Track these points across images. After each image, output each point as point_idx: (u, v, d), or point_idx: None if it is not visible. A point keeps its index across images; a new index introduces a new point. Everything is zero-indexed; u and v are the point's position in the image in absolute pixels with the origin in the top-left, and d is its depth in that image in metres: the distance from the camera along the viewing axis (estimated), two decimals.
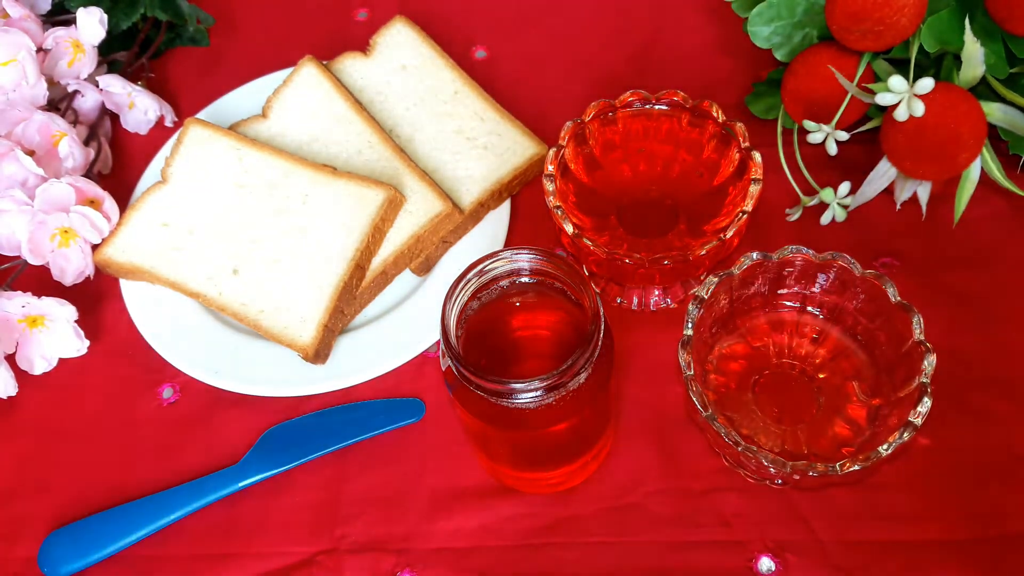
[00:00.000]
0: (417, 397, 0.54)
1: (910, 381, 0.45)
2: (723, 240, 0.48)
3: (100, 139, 0.65)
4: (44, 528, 0.52)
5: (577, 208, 0.54)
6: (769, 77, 0.63)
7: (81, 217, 0.57)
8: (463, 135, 0.62)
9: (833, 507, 0.49)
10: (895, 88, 0.51)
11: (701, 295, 0.48)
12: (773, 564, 0.48)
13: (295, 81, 0.64)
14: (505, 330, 0.46)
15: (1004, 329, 0.54)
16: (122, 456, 0.55)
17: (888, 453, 0.42)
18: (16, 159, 0.59)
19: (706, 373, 0.50)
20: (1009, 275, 0.56)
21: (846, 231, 0.58)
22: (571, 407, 0.41)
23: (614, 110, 0.54)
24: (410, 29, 0.67)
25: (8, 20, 0.64)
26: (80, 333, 0.58)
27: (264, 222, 0.58)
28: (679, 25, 0.70)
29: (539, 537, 0.50)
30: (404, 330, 0.56)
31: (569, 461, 0.48)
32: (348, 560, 0.50)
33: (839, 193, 0.56)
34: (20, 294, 0.56)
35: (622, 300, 0.57)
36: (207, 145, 0.61)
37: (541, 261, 0.42)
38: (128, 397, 0.57)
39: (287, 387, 0.54)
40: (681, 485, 0.50)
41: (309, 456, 0.53)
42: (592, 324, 0.40)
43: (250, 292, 0.56)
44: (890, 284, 0.47)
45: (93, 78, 0.66)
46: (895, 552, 0.48)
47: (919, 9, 0.52)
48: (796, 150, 0.58)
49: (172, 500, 0.51)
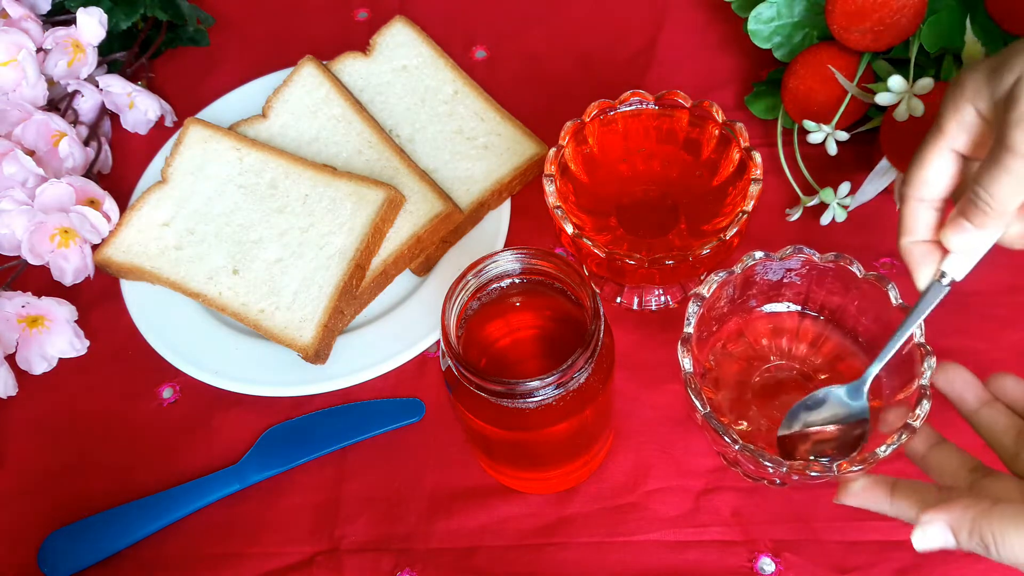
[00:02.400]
0: (417, 397, 0.54)
1: (910, 383, 0.45)
2: (723, 240, 0.48)
3: (100, 139, 0.65)
4: (44, 528, 0.52)
5: (577, 208, 0.54)
6: (769, 77, 0.63)
7: (81, 217, 0.57)
8: (463, 135, 0.62)
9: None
10: (895, 88, 0.51)
11: (701, 294, 0.48)
12: (773, 564, 0.48)
13: (295, 81, 0.64)
14: (505, 330, 0.46)
15: (1004, 329, 0.54)
16: (122, 456, 0.55)
17: (887, 455, 0.42)
18: (16, 159, 0.59)
19: (706, 373, 0.50)
20: (1009, 275, 0.56)
21: (846, 231, 0.58)
22: (571, 407, 0.41)
23: (614, 110, 0.54)
24: (410, 29, 0.67)
25: (8, 20, 0.64)
26: (80, 333, 0.58)
27: (264, 222, 0.58)
28: (679, 25, 0.70)
29: (539, 537, 0.50)
30: (404, 330, 0.56)
31: (569, 461, 0.48)
32: (348, 560, 0.50)
33: (839, 193, 0.56)
34: (20, 294, 0.56)
35: (622, 300, 0.57)
36: (207, 145, 0.61)
37: (541, 261, 0.42)
38: (128, 397, 0.57)
39: (287, 387, 0.54)
40: (681, 485, 0.50)
41: (309, 456, 0.53)
42: (592, 324, 0.40)
43: (250, 292, 0.56)
44: (892, 286, 0.47)
45: (93, 78, 0.66)
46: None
47: (919, 9, 0.52)
48: (796, 150, 0.58)
49: (172, 500, 0.51)
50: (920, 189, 0.40)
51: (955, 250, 0.40)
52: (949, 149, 0.39)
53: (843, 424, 0.46)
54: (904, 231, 0.41)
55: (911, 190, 0.41)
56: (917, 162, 0.40)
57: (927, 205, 0.41)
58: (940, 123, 0.39)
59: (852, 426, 0.45)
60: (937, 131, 0.39)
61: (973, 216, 0.38)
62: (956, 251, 0.40)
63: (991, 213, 0.37)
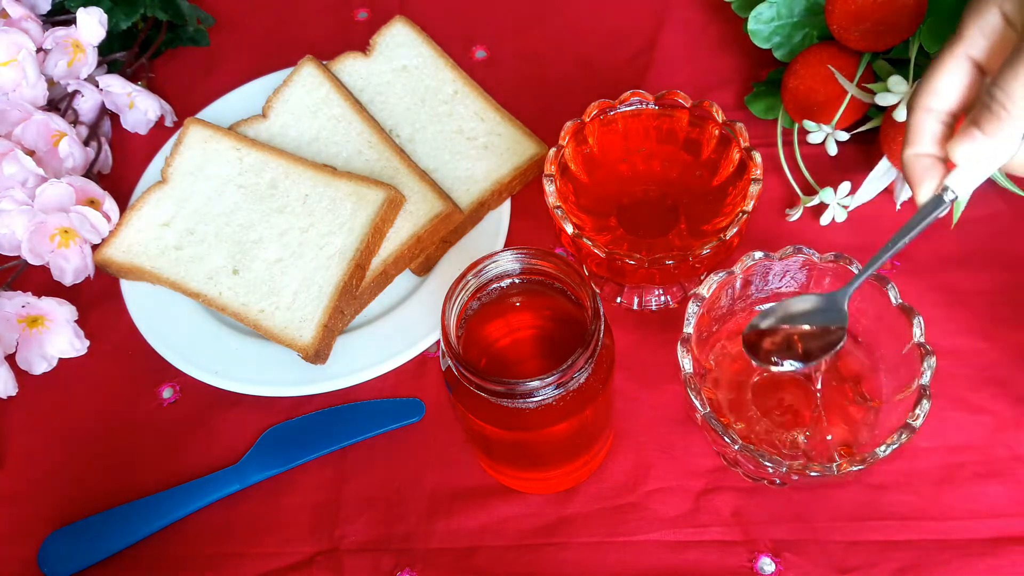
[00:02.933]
0: (417, 397, 0.54)
1: (910, 383, 0.45)
2: (723, 240, 0.48)
3: (100, 139, 0.65)
4: (44, 528, 0.52)
5: (577, 208, 0.54)
6: (769, 77, 0.63)
7: (81, 217, 0.57)
8: (463, 135, 0.62)
9: (833, 507, 0.49)
10: (895, 88, 0.51)
11: (701, 294, 0.48)
12: (773, 564, 0.48)
13: (295, 81, 0.64)
14: (505, 330, 0.46)
15: (1004, 329, 0.54)
16: (122, 456, 0.55)
17: (886, 455, 0.42)
18: (16, 159, 0.59)
19: (706, 373, 0.50)
20: (1009, 275, 0.56)
21: (846, 231, 0.58)
22: (571, 407, 0.41)
23: (614, 110, 0.54)
24: (410, 29, 0.67)
25: (8, 20, 0.64)
26: (80, 333, 0.58)
27: (264, 222, 0.58)
28: (679, 25, 0.70)
29: (539, 537, 0.50)
30: (404, 330, 0.56)
31: (569, 461, 0.48)
32: (348, 560, 0.50)
33: (839, 193, 0.56)
34: (20, 294, 0.56)
35: (622, 300, 0.57)
36: (207, 145, 0.61)
37: (541, 261, 0.42)
38: (128, 397, 0.57)
39: (287, 387, 0.54)
40: (681, 485, 0.50)
41: (309, 456, 0.53)
42: (592, 324, 0.40)
43: (250, 292, 0.56)
44: (891, 286, 0.47)
45: (93, 78, 0.66)
46: (895, 552, 0.48)
47: (919, 9, 0.52)
48: (796, 150, 0.58)
49: (172, 500, 0.52)
50: (930, 98, 0.39)
51: (961, 162, 0.38)
52: (965, 56, 0.38)
53: (820, 326, 0.44)
54: (909, 141, 0.40)
55: (921, 99, 0.39)
56: (931, 70, 0.39)
57: (935, 116, 0.39)
58: (960, 28, 0.38)
59: (829, 330, 0.44)
60: (955, 36, 0.38)
61: (986, 122, 0.36)
62: (962, 164, 0.38)
63: (1005, 117, 0.36)
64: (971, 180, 0.38)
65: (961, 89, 0.39)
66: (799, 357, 0.44)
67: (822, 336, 0.44)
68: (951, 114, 0.39)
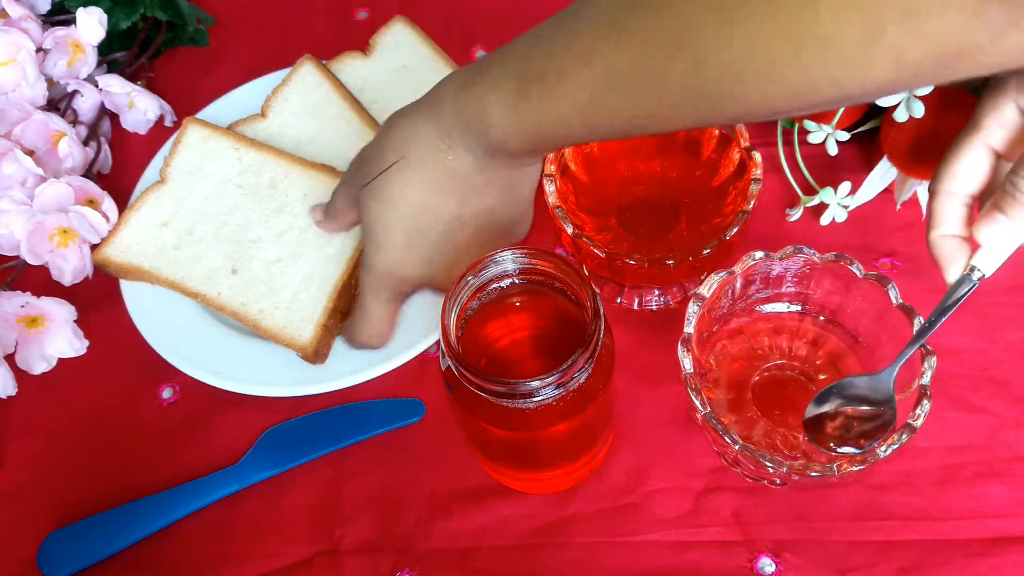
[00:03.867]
0: (417, 397, 0.54)
1: (910, 383, 0.45)
2: (723, 240, 0.48)
3: (100, 139, 0.65)
4: (44, 528, 0.52)
5: (577, 208, 0.54)
6: None
7: (80, 217, 0.57)
8: None
9: (833, 507, 0.49)
10: None
11: (702, 294, 0.48)
12: (773, 564, 0.48)
13: (294, 80, 0.64)
14: (505, 330, 0.46)
15: (1004, 329, 0.54)
16: (122, 456, 0.55)
17: (887, 455, 0.42)
18: (16, 159, 0.59)
19: (706, 373, 0.50)
20: (1009, 275, 0.56)
21: (846, 231, 0.58)
22: (571, 407, 0.41)
23: None
24: (410, 29, 0.67)
25: (8, 20, 0.64)
26: (80, 333, 0.58)
27: (263, 222, 0.58)
28: None
29: (539, 537, 0.50)
30: (404, 330, 0.56)
31: (569, 461, 0.48)
32: (348, 560, 0.50)
33: (839, 193, 0.56)
34: (19, 294, 0.56)
35: (622, 300, 0.57)
36: (207, 145, 0.61)
37: (541, 261, 0.42)
38: (128, 397, 0.57)
39: (287, 387, 0.54)
40: (681, 485, 0.50)
41: (309, 456, 0.53)
42: (592, 324, 0.40)
43: (250, 292, 0.56)
44: (892, 286, 0.47)
45: (93, 78, 0.66)
46: (895, 552, 0.48)
47: None
48: (796, 150, 0.58)
49: (172, 500, 0.51)
50: (951, 183, 0.40)
51: (986, 243, 0.39)
52: (984, 145, 0.39)
53: (870, 408, 0.45)
54: (933, 224, 0.41)
55: (942, 184, 0.41)
56: (950, 156, 0.40)
57: (957, 199, 0.41)
58: (977, 119, 0.39)
59: (880, 412, 0.45)
60: (973, 126, 0.39)
61: (1008, 207, 0.38)
62: (987, 245, 0.39)
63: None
64: (996, 258, 0.40)
65: (981, 174, 0.40)
66: (856, 442, 0.45)
67: (875, 418, 0.45)
68: (972, 196, 0.41)
